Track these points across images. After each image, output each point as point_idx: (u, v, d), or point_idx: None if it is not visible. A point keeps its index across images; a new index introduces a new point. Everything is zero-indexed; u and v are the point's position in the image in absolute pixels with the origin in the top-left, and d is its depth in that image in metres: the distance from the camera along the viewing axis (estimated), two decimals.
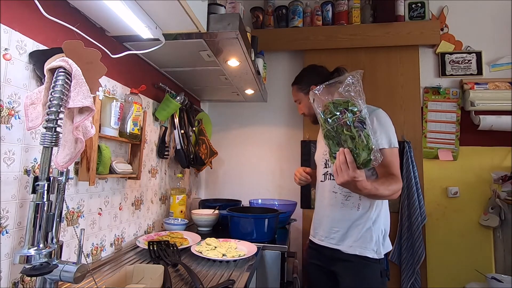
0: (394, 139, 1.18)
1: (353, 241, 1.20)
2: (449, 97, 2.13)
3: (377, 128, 1.17)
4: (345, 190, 1.23)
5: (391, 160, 1.15)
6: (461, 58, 2.15)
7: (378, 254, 1.18)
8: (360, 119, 0.90)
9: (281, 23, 2.32)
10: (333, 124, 0.92)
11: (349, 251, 1.20)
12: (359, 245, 1.19)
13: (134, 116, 1.21)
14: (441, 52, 2.17)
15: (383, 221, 1.22)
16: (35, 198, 0.66)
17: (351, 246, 1.20)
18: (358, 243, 1.19)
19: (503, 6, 2.13)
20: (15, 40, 0.80)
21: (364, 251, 1.18)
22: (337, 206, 1.25)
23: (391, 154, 1.16)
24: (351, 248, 1.20)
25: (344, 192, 1.24)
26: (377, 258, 1.18)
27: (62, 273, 0.66)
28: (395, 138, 1.19)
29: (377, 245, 1.18)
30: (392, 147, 1.17)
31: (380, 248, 1.19)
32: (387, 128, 1.19)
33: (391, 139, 1.17)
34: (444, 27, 2.18)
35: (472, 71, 2.13)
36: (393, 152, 1.17)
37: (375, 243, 1.18)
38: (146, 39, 1.13)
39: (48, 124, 0.66)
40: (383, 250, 1.19)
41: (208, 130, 2.11)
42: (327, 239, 1.27)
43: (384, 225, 1.22)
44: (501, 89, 2.03)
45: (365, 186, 1.00)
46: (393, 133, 1.19)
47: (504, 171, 1.99)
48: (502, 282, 1.74)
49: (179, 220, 1.61)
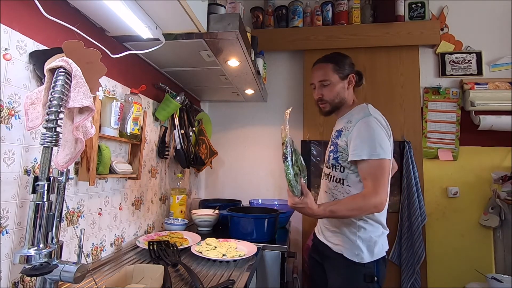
0: (379, 149, 1.08)
1: (339, 241, 1.18)
2: (449, 97, 2.13)
3: (358, 137, 1.12)
4: (333, 192, 1.23)
5: (370, 173, 1.09)
6: (461, 58, 2.15)
7: (360, 259, 1.13)
8: (284, 151, 1.06)
9: (281, 23, 2.32)
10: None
11: (335, 249, 1.19)
12: (344, 246, 1.16)
13: (134, 116, 1.21)
14: (441, 52, 2.17)
15: (372, 231, 1.16)
16: (35, 198, 0.66)
17: (337, 245, 1.19)
18: (343, 244, 1.16)
19: (503, 6, 2.13)
20: (15, 40, 0.80)
21: (347, 253, 1.15)
22: None
23: (371, 166, 1.08)
24: (337, 247, 1.18)
25: (332, 193, 1.23)
26: (361, 263, 1.13)
27: (62, 273, 0.65)
28: (381, 148, 1.09)
29: (361, 250, 1.13)
30: (374, 159, 1.08)
31: (365, 254, 1.13)
32: (370, 137, 1.10)
33: (373, 150, 1.08)
34: (444, 27, 2.18)
35: (472, 71, 2.13)
36: (374, 164, 1.08)
37: (358, 248, 1.13)
38: (146, 39, 1.13)
39: (48, 124, 0.66)
40: (369, 257, 1.13)
41: (208, 130, 2.11)
42: (321, 234, 1.29)
43: (374, 234, 1.15)
44: (501, 89, 2.03)
45: (312, 213, 1.06)
46: (379, 143, 1.09)
47: (504, 171, 1.99)
48: (502, 282, 1.74)
49: (179, 220, 1.61)
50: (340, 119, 1.31)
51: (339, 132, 1.25)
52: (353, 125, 1.17)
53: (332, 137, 1.30)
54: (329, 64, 1.26)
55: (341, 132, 1.23)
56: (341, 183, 1.20)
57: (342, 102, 1.27)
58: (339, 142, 1.22)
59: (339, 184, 1.21)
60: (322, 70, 1.27)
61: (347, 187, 1.18)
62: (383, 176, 1.08)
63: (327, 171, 1.28)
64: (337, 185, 1.21)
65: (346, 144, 1.17)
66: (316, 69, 1.30)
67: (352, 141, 1.14)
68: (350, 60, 1.30)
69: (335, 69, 1.25)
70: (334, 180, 1.23)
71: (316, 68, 1.31)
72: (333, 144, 1.27)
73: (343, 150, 1.19)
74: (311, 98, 2.22)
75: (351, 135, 1.15)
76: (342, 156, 1.20)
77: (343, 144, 1.19)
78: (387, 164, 1.10)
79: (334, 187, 1.23)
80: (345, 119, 1.25)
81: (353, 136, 1.14)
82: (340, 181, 1.21)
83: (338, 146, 1.22)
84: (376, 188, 1.07)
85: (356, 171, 1.15)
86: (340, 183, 1.20)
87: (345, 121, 1.24)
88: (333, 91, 1.25)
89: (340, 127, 1.25)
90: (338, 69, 1.25)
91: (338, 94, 1.25)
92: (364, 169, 1.11)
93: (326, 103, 1.28)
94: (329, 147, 1.30)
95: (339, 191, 1.21)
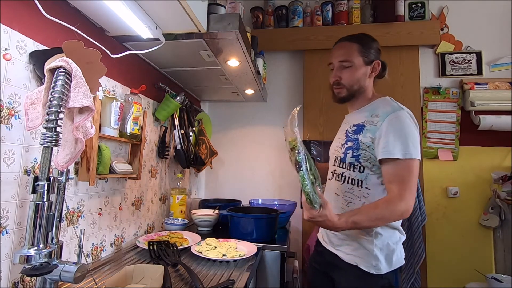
0: (412, 148, 0.96)
1: (352, 250, 1.05)
2: (449, 97, 2.13)
3: (389, 133, 0.98)
4: (347, 195, 1.08)
5: (397, 175, 0.96)
6: (461, 58, 2.15)
7: (378, 270, 1.00)
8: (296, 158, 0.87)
9: (281, 23, 2.32)
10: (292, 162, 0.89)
11: (347, 259, 1.05)
12: (359, 256, 1.03)
13: (134, 116, 1.21)
14: (441, 52, 2.17)
15: (390, 237, 1.03)
16: (35, 198, 0.66)
17: (349, 255, 1.05)
18: (357, 253, 1.03)
19: (503, 6, 2.13)
20: (15, 40, 0.80)
21: (363, 264, 1.02)
22: (338, 210, 1.09)
23: (400, 167, 0.96)
24: (349, 257, 1.05)
25: (346, 197, 1.09)
26: (378, 274, 1.00)
27: (62, 273, 0.65)
28: (414, 147, 0.97)
29: (378, 260, 1.00)
30: (408, 158, 0.96)
31: (382, 265, 1.00)
32: (404, 134, 0.98)
33: (406, 148, 0.96)
34: (444, 27, 2.18)
35: (472, 71, 2.13)
36: (407, 164, 0.96)
37: (376, 258, 1.01)
38: (146, 39, 1.13)
39: (48, 124, 0.66)
40: (387, 267, 1.01)
41: (208, 130, 2.11)
42: (329, 242, 1.14)
43: (391, 241, 1.03)
44: (501, 89, 2.03)
45: (334, 226, 0.89)
46: (413, 141, 0.98)
47: (504, 171, 1.99)
48: (502, 282, 1.74)
49: (179, 220, 1.62)
50: (356, 112, 1.15)
51: (359, 126, 1.09)
52: (380, 119, 1.02)
53: (348, 132, 1.13)
54: (354, 44, 1.11)
55: (363, 126, 1.07)
56: (358, 185, 1.06)
57: (361, 91, 1.12)
58: (361, 138, 1.06)
59: (356, 187, 1.06)
60: (345, 49, 1.11)
61: (365, 190, 1.04)
62: (411, 179, 0.96)
63: (340, 171, 1.11)
64: (353, 188, 1.07)
65: (372, 140, 1.03)
66: (338, 48, 1.14)
67: (383, 137, 0.99)
68: (377, 45, 1.15)
69: (360, 51, 1.10)
70: (350, 181, 1.08)
71: (338, 46, 1.15)
72: (351, 140, 1.10)
73: (367, 148, 1.04)
74: (311, 98, 2.25)
75: (380, 130, 1.01)
76: (365, 154, 1.04)
77: (367, 140, 1.04)
78: (416, 165, 0.98)
79: (349, 190, 1.08)
80: (366, 112, 1.10)
81: (383, 132, 1.00)
82: (357, 182, 1.06)
83: (360, 142, 1.06)
84: (402, 193, 0.94)
85: (378, 172, 1.03)
86: (357, 185, 1.06)
87: (366, 115, 1.09)
88: (354, 76, 1.10)
89: (361, 121, 1.09)
90: (363, 52, 1.10)
91: (359, 81, 1.10)
92: (390, 170, 0.98)
93: (343, 87, 1.12)
94: (344, 143, 1.12)
95: (355, 195, 1.06)
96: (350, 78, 1.10)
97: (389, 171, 0.99)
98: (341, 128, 1.21)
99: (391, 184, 0.97)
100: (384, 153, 0.98)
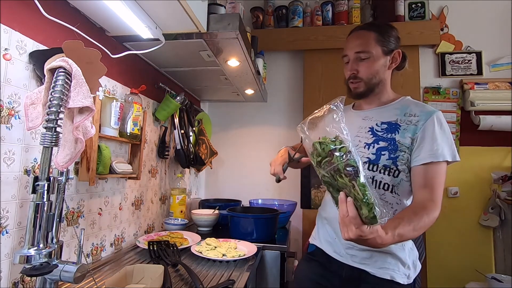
0: (455, 151, 0.92)
1: (384, 262, 0.94)
2: (449, 97, 2.13)
3: (437, 135, 0.91)
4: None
5: (433, 178, 0.90)
6: (461, 58, 2.15)
7: (409, 278, 0.95)
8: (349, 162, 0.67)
9: (281, 23, 2.32)
10: (326, 169, 0.71)
11: (380, 274, 0.94)
12: (392, 268, 0.94)
13: (134, 116, 1.21)
14: (441, 52, 2.17)
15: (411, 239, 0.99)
16: (35, 198, 0.66)
17: (383, 268, 0.94)
18: (391, 265, 0.94)
19: (503, 6, 2.13)
20: (15, 40, 0.80)
21: (399, 276, 0.94)
22: None
23: (437, 171, 0.90)
24: (382, 270, 0.94)
25: None
26: (409, 284, 0.95)
27: (62, 273, 0.66)
28: (456, 150, 0.93)
29: (409, 268, 0.95)
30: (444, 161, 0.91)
31: (411, 271, 0.96)
32: (449, 137, 0.93)
33: (453, 151, 0.92)
34: (444, 27, 2.18)
35: (472, 71, 2.13)
36: (442, 168, 0.91)
37: (407, 266, 0.95)
38: (146, 39, 1.13)
39: (48, 124, 0.66)
40: (414, 273, 0.98)
41: (208, 130, 2.11)
42: (347, 256, 0.99)
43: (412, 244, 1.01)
44: (501, 89, 2.03)
45: (382, 242, 0.72)
46: (453, 144, 0.93)
47: (504, 171, 1.99)
48: (502, 282, 1.74)
49: (179, 220, 1.62)
50: (380, 109, 1.04)
51: (392, 125, 0.98)
52: (421, 119, 0.94)
53: (376, 130, 1.00)
54: (372, 33, 1.00)
55: (398, 125, 0.97)
56: (390, 191, 0.95)
57: (380, 85, 1.03)
58: (398, 138, 0.95)
59: (389, 192, 0.95)
60: (361, 40, 1.00)
61: (396, 196, 0.95)
62: (442, 184, 0.91)
63: (369, 174, 0.97)
64: (385, 193, 0.95)
65: (411, 141, 0.93)
66: (354, 38, 1.03)
67: (428, 139, 0.91)
68: (396, 33, 1.04)
69: (379, 40, 0.99)
70: (382, 186, 0.96)
71: (353, 36, 1.04)
72: (383, 139, 0.97)
73: (406, 149, 0.93)
74: (311, 98, 2.25)
75: (423, 131, 0.92)
76: (403, 157, 0.93)
77: (407, 141, 0.93)
78: (446, 169, 0.93)
79: (380, 196, 0.95)
80: (395, 110, 1.01)
81: (428, 133, 0.92)
82: (390, 188, 0.95)
83: (398, 143, 0.95)
84: (436, 199, 0.88)
85: (410, 177, 0.94)
86: (390, 190, 0.95)
87: (397, 113, 1.00)
88: (372, 68, 0.99)
89: (392, 119, 0.99)
90: (382, 41, 0.99)
91: (378, 73, 1.00)
92: (426, 174, 0.90)
93: (361, 81, 1.01)
94: (373, 142, 0.98)
95: (387, 201, 0.95)
96: (368, 71, 0.99)
97: (422, 175, 0.91)
98: (359, 125, 1.04)
99: (424, 189, 0.89)
100: (432, 156, 0.90)
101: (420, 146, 0.92)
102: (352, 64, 1.02)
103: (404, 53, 1.05)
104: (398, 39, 1.04)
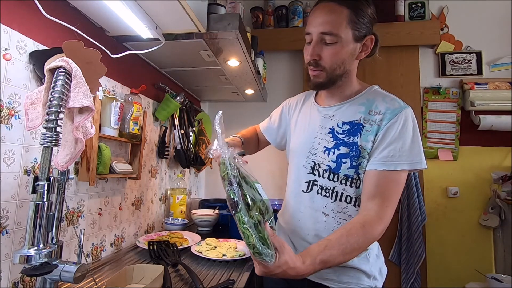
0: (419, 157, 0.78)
1: (348, 277, 0.86)
2: (449, 97, 2.13)
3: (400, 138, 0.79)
4: (340, 216, 0.85)
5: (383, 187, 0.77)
6: (461, 58, 2.15)
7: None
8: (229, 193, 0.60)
9: (281, 23, 2.32)
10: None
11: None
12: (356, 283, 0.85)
13: (134, 116, 1.21)
14: (441, 52, 2.17)
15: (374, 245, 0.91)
16: (35, 198, 0.66)
17: (347, 283, 0.85)
18: (355, 279, 0.85)
19: (503, 6, 2.13)
20: (15, 40, 0.80)
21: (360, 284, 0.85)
22: (326, 232, 0.84)
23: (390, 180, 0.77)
24: (345, 285, 0.85)
25: (339, 218, 0.85)
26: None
27: (62, 273, 0.65)
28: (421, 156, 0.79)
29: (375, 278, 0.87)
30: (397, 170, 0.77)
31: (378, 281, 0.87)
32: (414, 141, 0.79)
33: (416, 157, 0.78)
34: (444, 27, 2.18)
35: (472, 71, 2.13)
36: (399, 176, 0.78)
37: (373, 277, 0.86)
38: (146, 39, 1.13)
39: (48, 124, 0.66)
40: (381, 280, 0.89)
41: (208, 130, 2.11)
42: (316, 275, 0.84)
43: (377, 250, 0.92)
44: (501, 89, 2.03)
45: (298, 274, 0.63)
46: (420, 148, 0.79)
47: (504, 171, 1.99)
48: (502, 282, 1.74)
49: (179, 220, 1.62)
50: (343, 105, 0.89)
51: (354, 126, 0.84)
52: (385, 118, 0.81)
53: (337, 132, 0.87)
54: (344, 9, 0.80)
55: (361, 126, 0.83)
56: (353, 204, 0.84)
57: (344, 77, 0.87)
58: (360, 142, 0.82)
59: (351, 205, 0.84)
60: (330, 16, 0.80)
61: (358, 208, 0.83)
62: (396, 194, 0.78)
63: (329, 184, 0.86)
64: (348, 207, 0.84)
65: (372, 145, 0.81)
66: (322, 12, 0.82)
67: (387, 143, 0.79)
68: (373, 12, 0.86)
69: (351, 20, 0.80)
70: (344, 199, 0.85)
71: (321, 9, 0.83)
72: (344, 144, 0.84)
73: (367, 155, 0.81)
74: None
75: (384, 132, 0.79)
76: (363, 164, 0.81)
77: (369, 146, 0.81)
78: (405, 177, 0.80)
79: (342, 209, 0.85)
80: (359, 105, 0.86)
81: (389, 135, 0.79)
82: (352, 201, 0.84)
83: (359, 148, 0.82)
84: (383, 212, 0.75)
85: None
86: (353, 204, 0.84)
87: (361, 110, 0.85)
88: (338, 56, 0.82)
89: (355, 118, 0.85)
90: (355, 22, 0.80)
91: (343, 63, 0.83)
92: (378, 181, 0.77)
93: (322, 71, 0.84)
94: (333, 147, 0.86)
95: (350, 215, 0.84)
96: (333, 59, 0.82)
97: (372, 184, 0.78)
98: (319, 124, 0.91)
99: (372, 200, 0.77)
100: (385, 164, 0.77)
101: (376, 149, 0.80)
102: (314, 47, 0.84)
103: (377, 37, 0.88)
104: (373, 20, 0.85)
